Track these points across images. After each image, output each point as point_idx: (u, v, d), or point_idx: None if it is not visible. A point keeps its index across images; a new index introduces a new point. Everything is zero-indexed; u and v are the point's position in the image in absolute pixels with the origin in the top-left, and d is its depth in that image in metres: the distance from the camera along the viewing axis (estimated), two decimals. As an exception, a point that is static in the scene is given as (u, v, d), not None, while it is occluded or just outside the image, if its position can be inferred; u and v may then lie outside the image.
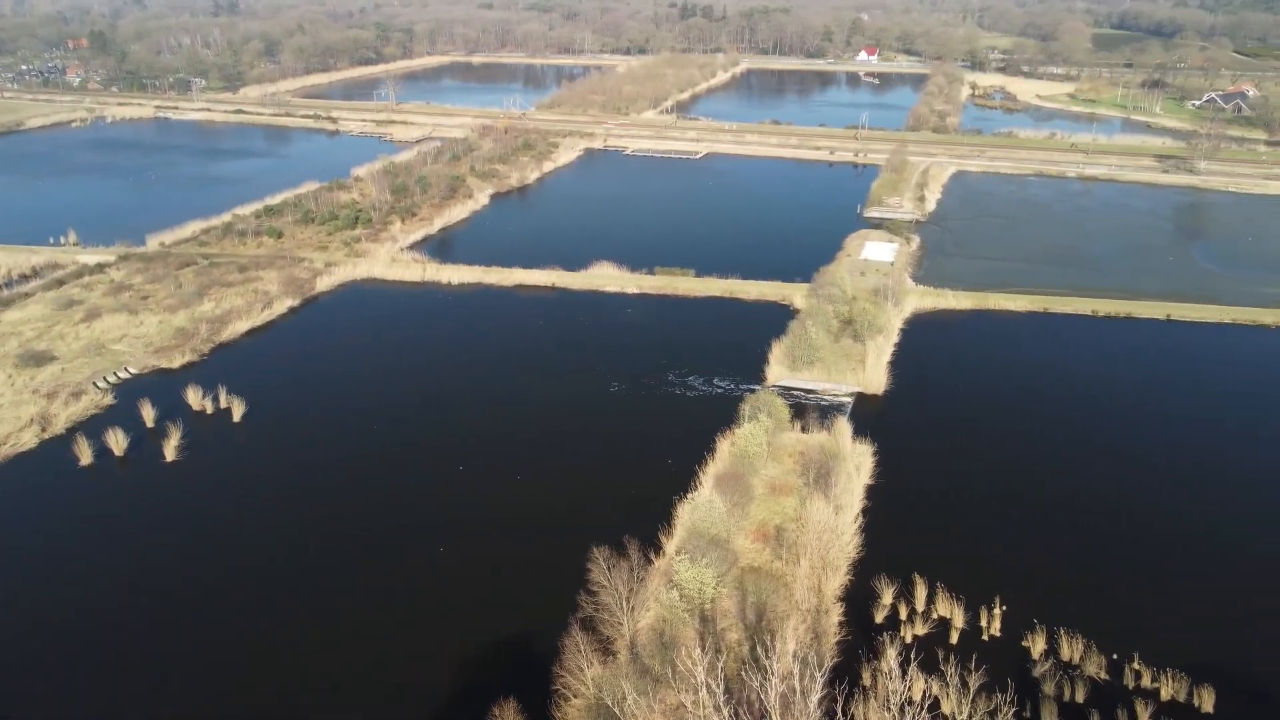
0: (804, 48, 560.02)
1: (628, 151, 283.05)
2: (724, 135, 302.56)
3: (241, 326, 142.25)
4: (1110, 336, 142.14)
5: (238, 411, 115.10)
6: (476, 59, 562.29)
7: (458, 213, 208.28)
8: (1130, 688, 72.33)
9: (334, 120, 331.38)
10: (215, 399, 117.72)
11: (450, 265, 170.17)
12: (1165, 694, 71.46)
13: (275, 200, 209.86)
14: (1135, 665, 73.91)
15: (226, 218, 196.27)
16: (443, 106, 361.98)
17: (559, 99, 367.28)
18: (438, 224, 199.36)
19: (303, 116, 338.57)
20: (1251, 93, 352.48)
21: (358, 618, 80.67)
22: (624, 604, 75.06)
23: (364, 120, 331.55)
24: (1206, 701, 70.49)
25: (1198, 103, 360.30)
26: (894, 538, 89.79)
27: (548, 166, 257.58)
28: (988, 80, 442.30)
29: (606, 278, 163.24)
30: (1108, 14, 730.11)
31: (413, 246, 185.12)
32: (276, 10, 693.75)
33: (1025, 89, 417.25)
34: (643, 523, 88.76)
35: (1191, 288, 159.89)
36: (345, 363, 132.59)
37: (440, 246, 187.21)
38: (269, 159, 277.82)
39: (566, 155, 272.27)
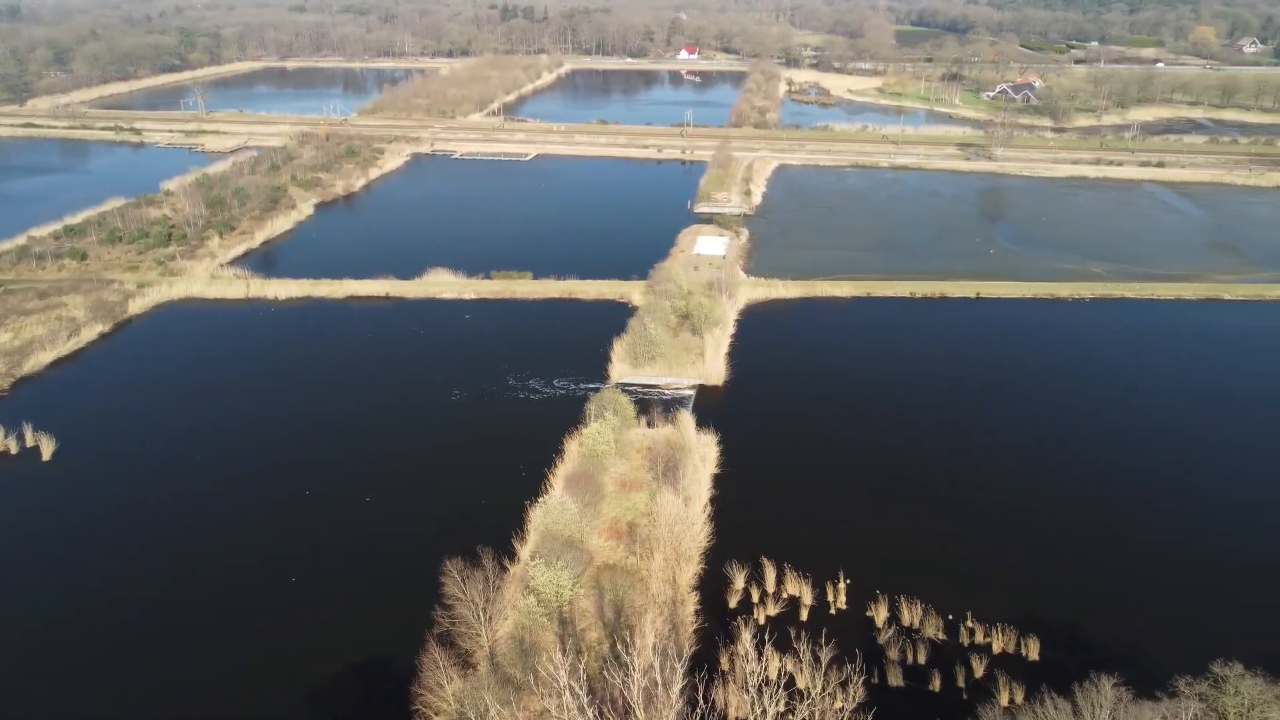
0: (626, 47, 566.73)
1: (456, 155, 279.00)
2: (553, 136, 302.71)
3: (45, 357, 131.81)
4: (928, 316, 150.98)
5: (47, 450, 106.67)
6: (291, 64, 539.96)
7: (281, 225, 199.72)
8: (966, 645, 77.32)
9: (138, 132, 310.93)
10: (20, 437, 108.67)
11: (276, 280, 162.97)
12: (997, 647, 76.82)
13: (76, 219, 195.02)
14: (969, 624, 79.07)
15: (21, 240, 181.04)
16: (258, 114, 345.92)
17: (381, 103, 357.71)
18: (259, 237, 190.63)
19: (102, 128, 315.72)
20: (1038, 84, 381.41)
21: (202, 659, 76.44)
22: (481, 615, 74.21)
23: (172, 131, 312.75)
24: (1033, 650, 76.25)
25: (991, 94, 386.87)
26: (742, 524, 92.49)
27: (374, 173, 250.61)
28: (803, 76, 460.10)
29: (443, 284, 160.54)
30: (907, 11, 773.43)
31: (234, 262, 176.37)
32: (65, 15, 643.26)
33: (838, 84, 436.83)
34: (496, 531, 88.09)
35: (996, 267, 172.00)
36: (167, 389, 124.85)
37: (264, 261, 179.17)
38: (66, 175, 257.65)
39: (393, 161, 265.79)
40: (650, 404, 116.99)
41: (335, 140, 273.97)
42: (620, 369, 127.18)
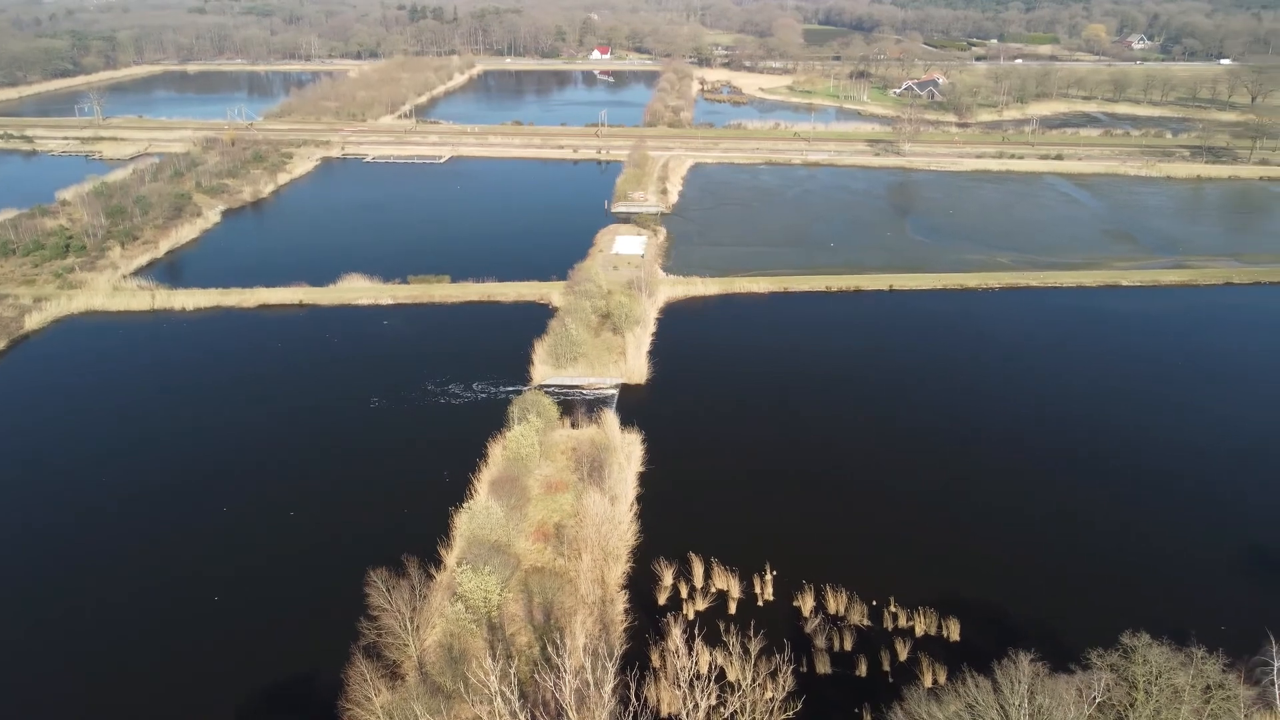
0: (538, 48, 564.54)
1: (368, 159, 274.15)
2: (467, 138, 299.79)
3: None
4: (843, 309, 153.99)
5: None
6: (192, 67, 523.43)
7: (186, 233, 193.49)
8: (890, 629, 79.10)
9: (29, 139, 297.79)
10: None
11: (183, 290, 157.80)
12: (920, 630, 78.79)
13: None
14: (893, 609, 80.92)
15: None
16: (159, 120, 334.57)
17: (289, 107, 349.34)
18: (164, 246, 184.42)
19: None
20: (942, 80, 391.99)
21: (119, 686, 73.66)
22: (408, 624, 73.14)
23: (66, 138, 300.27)
24: (954, 631, 78.43)
25: (898, 90, 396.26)
26: (669, 521, 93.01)
27: (283, 178, 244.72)
28: (715, 75, 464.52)
29: (358, 290, 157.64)
30: (815, 11, 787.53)
31: (137, 273, 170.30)
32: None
33: (749, 82, 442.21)
34: (421, 539, 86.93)
35: (907, 259, 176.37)
36: (67, 408, 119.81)
37: (170, 270, 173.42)
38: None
39: (303, 166, 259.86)
40: (574, 404, 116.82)
41: (241, 145, 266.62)
42: (542, 370, 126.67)
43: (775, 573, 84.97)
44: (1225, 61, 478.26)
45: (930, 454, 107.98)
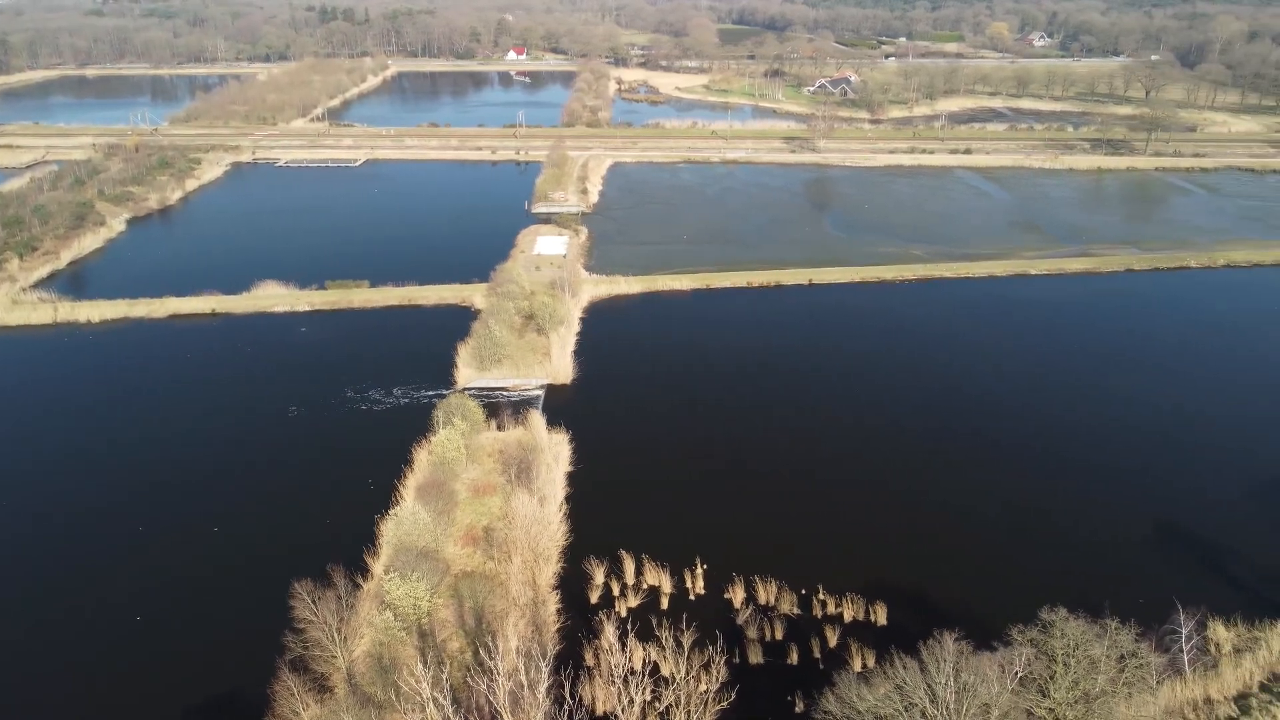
0: (453, 49, 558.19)
1: (281, 163, 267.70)
2: (383, 141, 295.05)
3: None
4: (765, 304, 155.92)
5: None
6: (91, 71, 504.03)
7: (89, 243, 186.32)
8: (819, 617, 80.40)
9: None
10: None
11: (88, 302, 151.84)
12: (848, 616, 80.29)
13: None
14: (821, 596, 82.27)
15: None
16: (56, 126, 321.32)
17: (195, 111, 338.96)
18: (66, 257, 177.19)
19: None
20: (854, 78, 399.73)
21: (41, 712, 70.55)
22: (335, 635, 71.68)
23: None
24: (881, 616, 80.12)
25: (812, 88, 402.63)
26: (599, 520, 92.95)
27: (191, 185, 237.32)
28: (631, 75, 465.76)
29: (274, 297, 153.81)
30: (728, 10, 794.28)
31: (37, 285, 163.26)
32: None
33: (666, 82, 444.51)
34: (346, 548, 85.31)
35: (826, 253, 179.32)
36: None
37: (73, 282, 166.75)
38: None
39: (212, 171, 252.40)
40: (499, 406, 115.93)
41: (146, 151, 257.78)
42: (466, 373, 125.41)
43: (706, 566, 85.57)
44: (1120, 58, 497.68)
45: (853, 443, 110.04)
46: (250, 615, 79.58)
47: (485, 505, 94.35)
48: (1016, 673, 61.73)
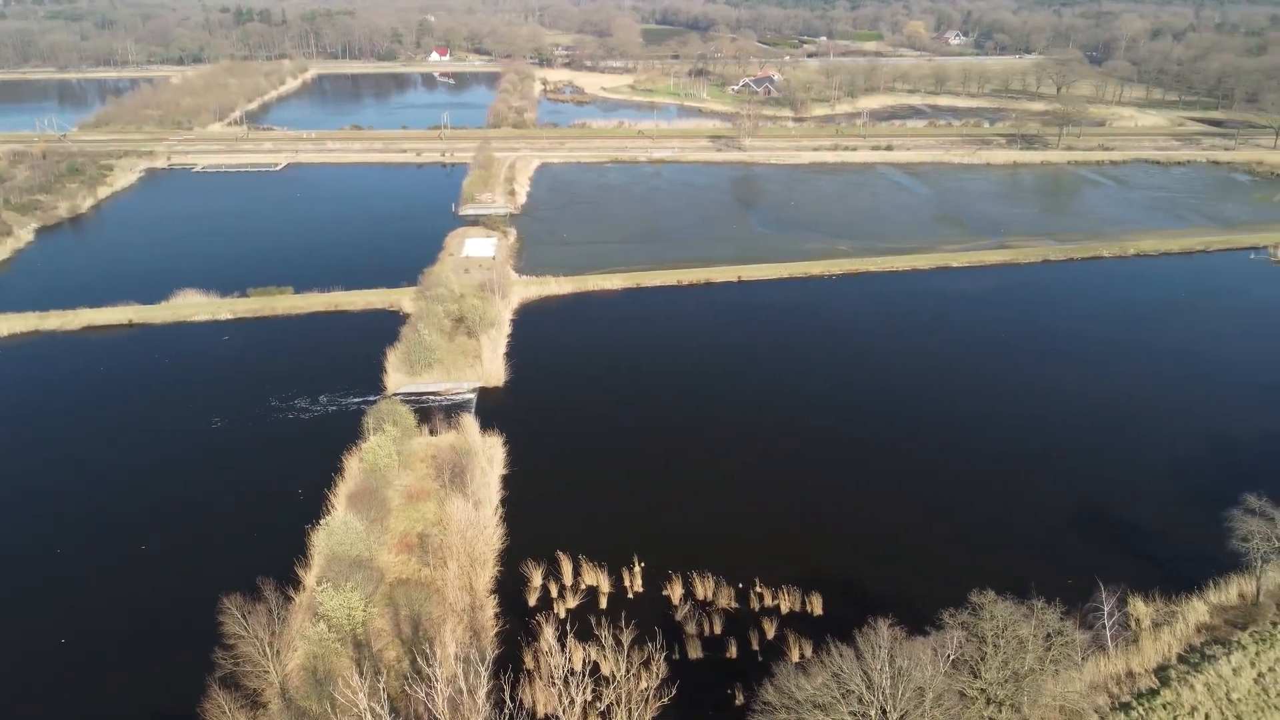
0: (374, 50, 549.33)
1: (198, 169, 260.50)
2: (304, 144, 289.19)
3: None
4: (695, 302, 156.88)
5: None
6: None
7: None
8: (757, 610, 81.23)
9: None
10: None
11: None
12: (785, 608, 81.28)
13: None
14: (758, 589, 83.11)
15: None
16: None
17: (106, 116, 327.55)
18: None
19: None
20: (777, 77, 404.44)
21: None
22: (267, 649, 70.02)
23: None
24: (817, 606, 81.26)
25: (736, 87, 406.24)
26: (535, 522, 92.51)
27: (104, 192, 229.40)
28: (556, 75, 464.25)
29: (194, 306, 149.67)
30: (651, 10, 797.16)
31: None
32: None
33: (591, 82, 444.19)
34: (277, 560, 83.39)
35: (754, 250, 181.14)
36: None
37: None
38: None
39: (125, 178, 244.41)
40: (431, 411, 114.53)
41: (54, 158, 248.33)
42: (397, 378, 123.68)
43: (643, 564, 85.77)
44: (1032, 55, 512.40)
45: (785, 437, 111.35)
46: (178, 633, 77.37)
47: (419, 511, 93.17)
48: (949, 655, 63.18)
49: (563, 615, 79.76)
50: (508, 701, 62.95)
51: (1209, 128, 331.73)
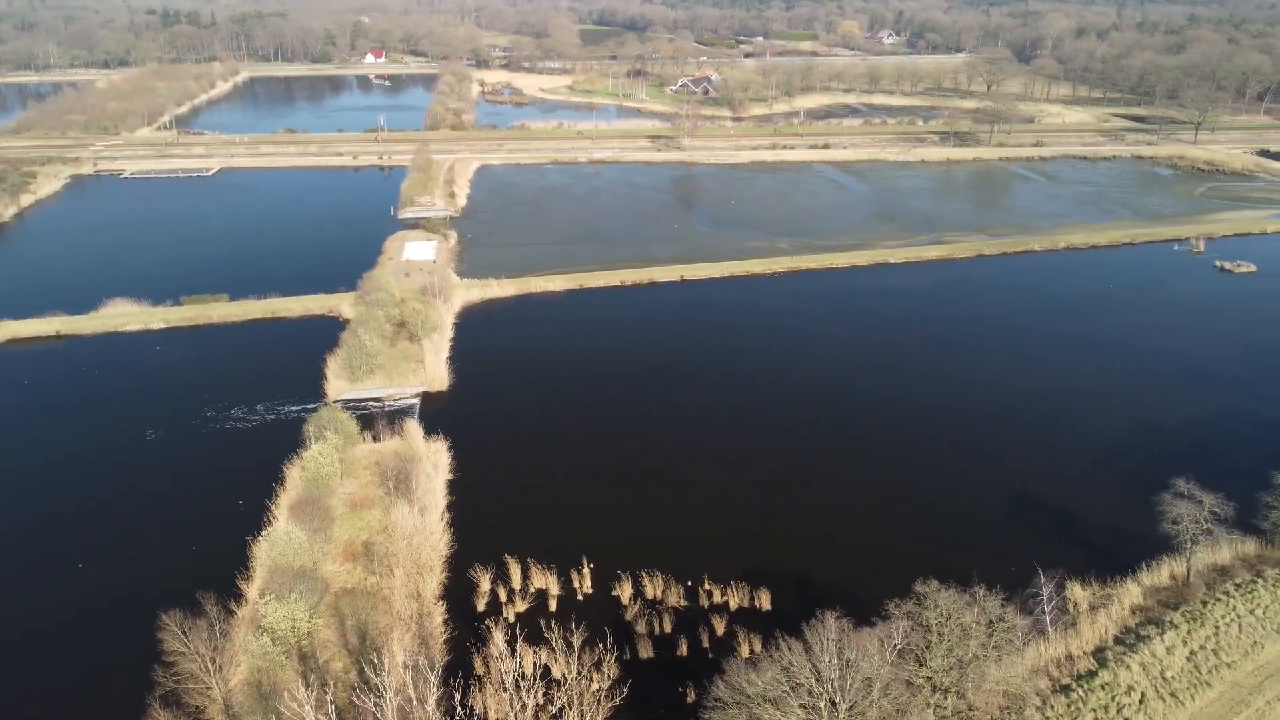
0: (307, 53, 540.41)
1: (126, 175, 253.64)
2: (237, 149, 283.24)
3: None
4: (638, 302, 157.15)
5: None
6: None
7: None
8: (706, 607, 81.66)
9: None
10: None
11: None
12: (734, 604, 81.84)
13: None
14: (707, 587, 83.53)
15: None
16: None
17: (28, 121, 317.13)
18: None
19: None
20: (715, 77, 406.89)
21: None
22: (209, 665, 68.42)
23: None
24: (765, 601, 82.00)
25: (674, 88, 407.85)
26: (482, 526, 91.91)
27: (27, 200, 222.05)
28: (494, 77, 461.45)
29: (125, 316, 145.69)
30: (588, 11, 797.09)
31: None
32: None
33: (529, 83, 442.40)
34: (217, 574, 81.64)
35: (695, 249, 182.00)
36: None
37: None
38: None
39: (49, 185, 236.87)
40: (374, 417, 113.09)
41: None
42: (338, 385, 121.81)
43: (592, 566, 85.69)
44: (962, 54, 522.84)
45: (730, 435, 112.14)
46: (116, 653, 75.40)
47: (364, 519, 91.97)
48: (895, 645, 64.21)
49: (512, 619, 79.33)
50: (458, 708, 62.45)
51: (1133, 124, 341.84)
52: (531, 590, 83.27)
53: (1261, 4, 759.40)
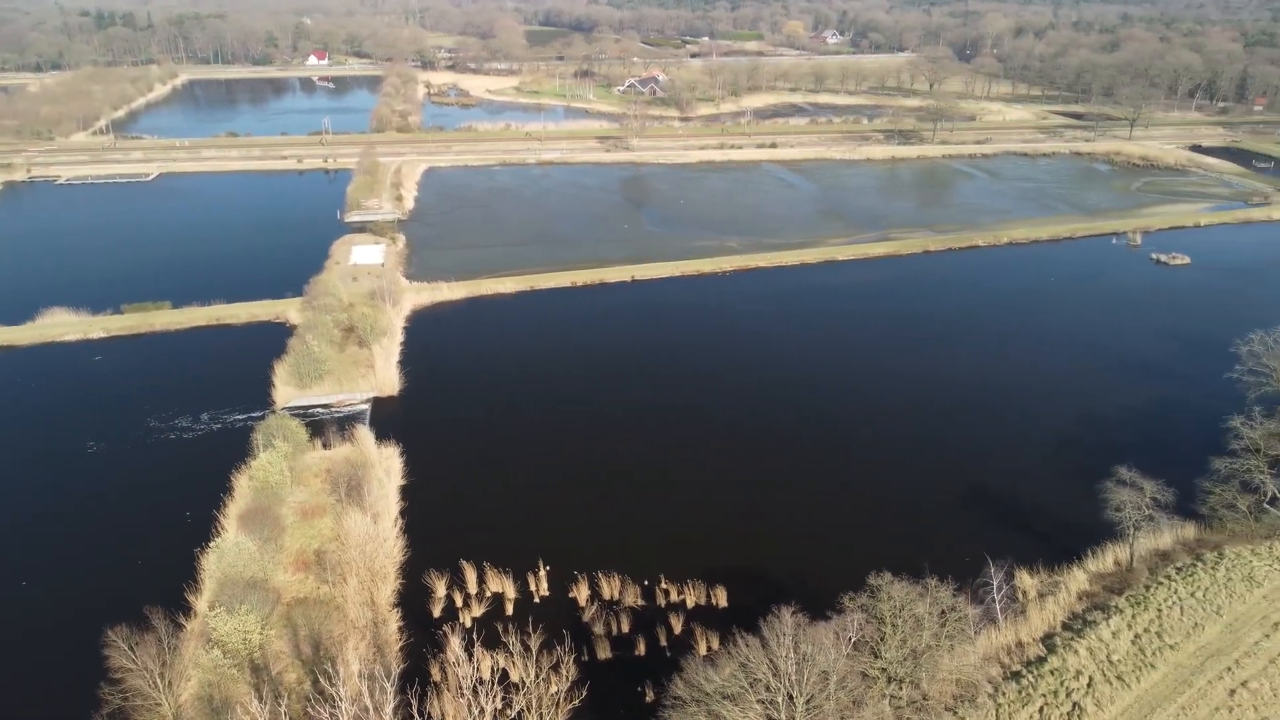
0: (248, 55, 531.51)
1: (61, 181, 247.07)
2: (177, 153, 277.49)
3: None
4: (590, 302, 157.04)
5: None
6: None
7: None
8: (663, 606, 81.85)
9: None
10: None
11: None
12: (690, 602, 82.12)
13: None
14: (663, 586, 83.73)
15: None
16: None
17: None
18: None
19: None
20: (662, 77, 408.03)
21: None
22: (157, 681, 66.94)
23: None
24: (721, 598, 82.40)
25: (622, 88, 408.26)
26: (436, 532, 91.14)
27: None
28: (440, 78, 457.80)
29: (63, 325, 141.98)
30: (534, 12, 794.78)
31: None
32: None
33: (476, 84, 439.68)
34: (165, 587, 79.96)
35: (646, 249, 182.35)
36: None
37: None
38: None
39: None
40: (324, 424, 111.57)
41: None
42: (286, 392, 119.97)
43: (548, 568, 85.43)
44: (905, 54, 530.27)
45: (682, 433, 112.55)
46: (60, 671, 73.46)
47: (315, 528, 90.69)
48: (850, 638, 64.91)
49: (469, 624, 78.83)
50: (416, 715, 61.79)
51: (1070, 121, 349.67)
52: (488, 594, 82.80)
53: (1190, 3, 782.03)
